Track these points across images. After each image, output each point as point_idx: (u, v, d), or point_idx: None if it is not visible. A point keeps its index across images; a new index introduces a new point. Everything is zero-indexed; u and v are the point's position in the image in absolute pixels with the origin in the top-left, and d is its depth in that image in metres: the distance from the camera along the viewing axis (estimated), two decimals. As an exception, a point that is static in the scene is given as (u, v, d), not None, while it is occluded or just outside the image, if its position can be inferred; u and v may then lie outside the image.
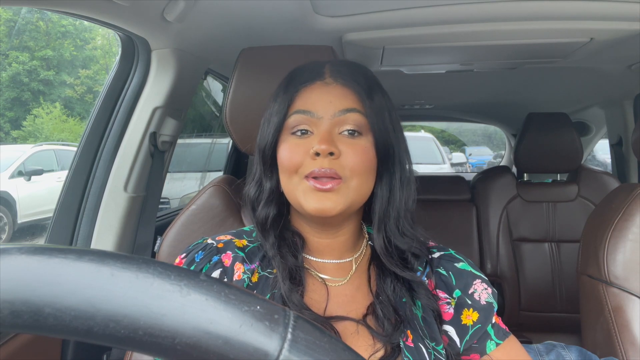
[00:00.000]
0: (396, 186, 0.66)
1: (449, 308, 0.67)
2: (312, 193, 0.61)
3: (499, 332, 0.67)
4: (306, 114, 0.63)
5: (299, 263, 0.64)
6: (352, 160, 0.61)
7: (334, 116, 0.63)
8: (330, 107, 0.63)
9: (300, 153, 0.62)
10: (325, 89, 0.65)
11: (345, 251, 0.69)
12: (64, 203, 1.17)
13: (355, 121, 0.63)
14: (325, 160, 0.60)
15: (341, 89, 0.65)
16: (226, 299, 0.23)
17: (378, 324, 0.63)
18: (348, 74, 0.66)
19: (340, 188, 0.61)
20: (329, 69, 0.67)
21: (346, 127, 0.63)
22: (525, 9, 1.11)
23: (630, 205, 1.07)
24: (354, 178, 0.62)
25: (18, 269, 0.22)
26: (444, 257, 0.71)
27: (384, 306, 0.64)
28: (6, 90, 5.31)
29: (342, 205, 0.61)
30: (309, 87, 0.65)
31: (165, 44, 1.18)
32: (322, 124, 0.62)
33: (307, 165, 0.61)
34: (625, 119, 2.24)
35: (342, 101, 0.63)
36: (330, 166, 0.60)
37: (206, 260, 0.65)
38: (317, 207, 0.61)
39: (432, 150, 6.41)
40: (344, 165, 0.61)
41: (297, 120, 0.64)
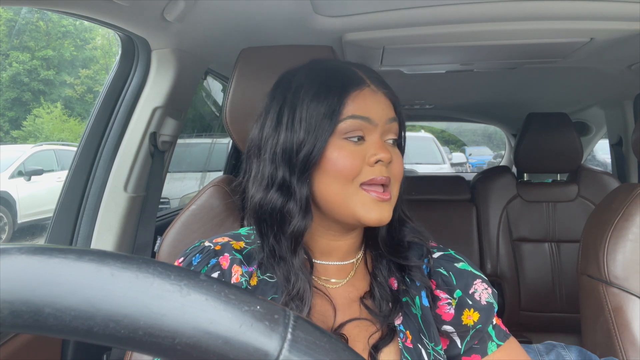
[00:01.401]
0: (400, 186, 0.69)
1: (449, 308, 0.67)
2: (373, 204, 0.61)
3: (499, 333, 0.67)
4: (364, 119, 0.61)
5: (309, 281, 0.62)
6: (397, 168, 0.64)
7: (386, 123, 0.64)
8: (383, 115, 0.63)
9: (358, 159, 0.61)
10: (375, 97, 0.64)
11: (349, 252, 0.70)
12: (64, 203, 1.17)
13: (397, 130, 0.66)
14: (384, 168, 0.61)
15: (384, 97, 0.65)
16: (226, 299, 0.23)
17: (375, 305, 0.64)
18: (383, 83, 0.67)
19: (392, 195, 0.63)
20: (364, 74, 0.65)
21: (391, 135, 0.65)
22: (525, 9, 1.11)
23: (630, 205, 1.07)
24: (395, 185, 0.64)
25: (18, 269, 0.22)
26: (444, 258, 0.71)
27: (381, 287, 0.66)
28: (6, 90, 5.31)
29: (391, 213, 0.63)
30: (360, 92, 0.63)
31: (165, 44, 1.18)
32: (377, 131, 0.63)
33: (366, 172, 0.61)
34: (625, 119, 2.24)
35: (389, 110, 0.65)
36: (388, 174, 0.62)
37: (204, 263, 0.64)
38: (378, 218, 0.61)
39: (432, 150, 6.41)
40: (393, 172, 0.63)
41: (354, 126, 0.61)
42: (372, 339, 0.62)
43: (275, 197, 0.62)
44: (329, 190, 0.61)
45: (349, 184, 0.60)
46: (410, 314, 0.65)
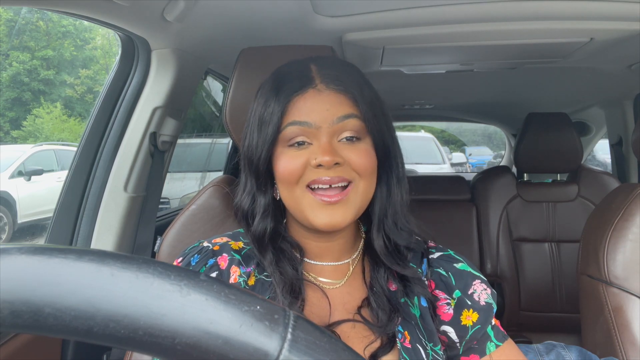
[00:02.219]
0: (393, 184, 0.67)
1: (448, 308, 0.67)
2: (320, 207, 0.60)
3: (498, 334, 0.67)
4: (303, 124, 0.61)
5: (299, 276, 0.64)
6: (357, 164, 0.61)
7: (332, 124, 0.61)
8: (327, 116, 0.61)
9: (299, 163, 0.61)
10: (319, 97, 0.62)
11: (343, 253, 0.69)
12: (64, 203, 1.17)
13: (354, 126, 0.62)
14: (330, 171, 0.60)
15: (335, 95, 0.62)
16: (226, 299, 0.23)
17: (372, 314, 0.64)
18: (338, 77, 0.64)
19: (350, 196, 0.61)
20: (317, 73, 0.64)
21: (345, 134, 0.61)
22: (525, 9, 1.11)
23: (630, 205, 1.07)
24: (361, 180, 0.61)
25: (18, 269, 0.22)
26: (443, 258, 0.71)
27: (378, 297, 0.64)
28: (6, 90, 5.31)
29: (350, 215, 0.61)
30: (302, 96, 0.62)
31: (165, 44, 1.18)
32: (321, 134, 0.61)
33: (309, 173, 0.60)
34: (625, 119, 2.24)
35: (338, 108, 0.61)
36: (336, 174, 0.60)
37: (202, 263, 0.65)
38: (327, 222, 0.60)
39: (432, 150, 6.41)
40: (349, 170, 0.61)
41: (293, 132, 0.61)
42: (370, 348, 0.62)
43: (245, 200, 0.67)
44: (283, 195, 0.64)
45: (294, 187, 0.62)
46: (409, 315, 0.65)
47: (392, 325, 0.62)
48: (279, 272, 0.63)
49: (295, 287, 0.62)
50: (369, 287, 0.66)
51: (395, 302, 0.65)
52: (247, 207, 0.67)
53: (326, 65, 0.66)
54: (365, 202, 0.64)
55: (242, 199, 0.67)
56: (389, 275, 0.66)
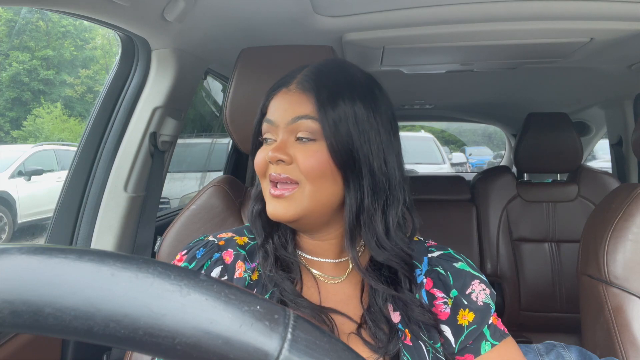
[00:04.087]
0: (366, 193, 0.62)
1: (445, 308, 0.67)
2: (270, 199, 0.64)
3: (495, 333, 0.67)
4: (269, 122, 0.65)
5: (289, 254, 0.66)
6: (303, 164, 0.61)
7: (288, 124, 0.63)
8: (285, 115, 0.64)
9: (262, 157, 0.65)
10: (286, 97, 0.65)
11: (341, 251, 0.69)
12: (64, 203, 1.17)
13: (308, 128, 0.62)
14: (277, 167, 0.62)
15: (299, 95, 0.64)
16: (226, 299, 0.23)
17: (371, 335, 0.62)
18: (313, 79, 0.64)
19: (295, 194, 0.62)
20: (302, 74, 0.66)
21: (299, 134, 0.63)
22: (525, 9, 1.11)
23: (630, 205, 1.07)
24: (308, 183, 0.61)
25: (18, 269, 0.22)
26: (442, 257, 0.71)
27: (375, 317, 0.63)
28: (6, 90, 5.31)
29: (293, 211, 0.61)
30: (275, 95, 0.67)
31: (165, 44, 1.18)
32: (279, 131, 0.64)
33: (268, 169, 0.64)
34: (625, 119, 2.24)
35: (296, 108, 0.63)
36: (283, 172, 0.62)
37: (207, 257, 0.66)
38: (271, 212, 0.63)
39: (432, 150, 6.41)
40: (297, 170, 0.62)
41: (265, 129, 0.66)
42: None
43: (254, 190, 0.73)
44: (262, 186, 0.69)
45: (263, 179, 0.66)
46: (409, 313, 0.64)
47: (392, 345, 0.61)
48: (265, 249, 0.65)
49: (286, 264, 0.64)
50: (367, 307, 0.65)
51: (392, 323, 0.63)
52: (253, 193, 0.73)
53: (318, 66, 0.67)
54: (317, 204, 0.62)
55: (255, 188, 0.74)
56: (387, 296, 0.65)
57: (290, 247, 0.67)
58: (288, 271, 0.64)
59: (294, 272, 0.64)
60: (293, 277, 0.63)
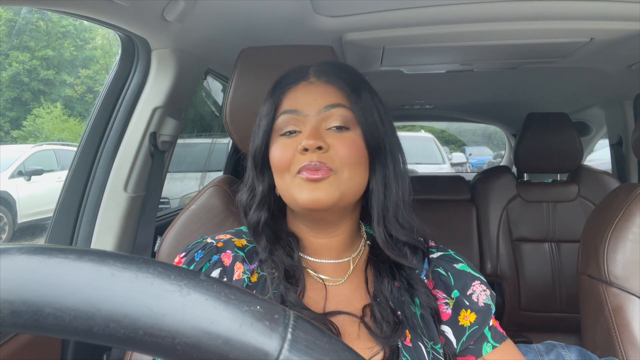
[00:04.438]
0: (391, 179, 0.66)
1: (447, 308, 0.67)
2: (304, 185, 0.61)
3: (495, 334, 0.67)
4: (293, 113, 0.64)
5: (295, 262, 0.64)
6: (341, 152, 0.62)
7: (320, 112, 0.63)
8: (315, 105, 0.64)
9: (290, 151, 0.63)
10: (309, 88, 0.66)
11: (343, 251, 0.69)
12: (64, 203, 1.17)
13: (341, 116, 0.63)
14: (314, 154, 0.61)
15: (324, 86, 0.66)
16: (226, 299, 0.23)
17: (376, 325, 0.63)
18: (332, 72, 0.67)
19: (331, 179, 0.61)
20: (313, 70, 0.68)
21: (333, 122, 0.63)
22: (525, 9, 1.11)
23: (630, 205, 1.07)
24: (344, 169, 0.62)
25: (18, 269, 0.22)
26: (443, 258, 0.71)
27: (381, 308, 0.63)
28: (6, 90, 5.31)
29: (334, 195, 0.61)
30: (294, 88, 0.67)
31: (165, 44, 1.18)
32: (309, 121, 0.63)
33: (297, 161, 0.62)
34: (625, 119, 2.24)
35: (326, 98, 0.64)
36: (319, 159, 0.61)
37: (206, 259, 0.65)
38: (310, 198, 0.60)
39: (432, 150, 6.41)
40: (334, 158, 0.62)
41: (285, 121, 0.65)
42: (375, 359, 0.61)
43: (244, 195, 0.70)
44: (277, 183, 0.66)
45: (286, 174, 0.64)
46: (409, 313, 0.65)
47: (396, 337, 0.61)
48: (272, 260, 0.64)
49: (291, 274, 0.63)
50: (373, 297, 0.65)
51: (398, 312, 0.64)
52: (244, 200, 0.69)
53: (324, 64, 0.70)
54: (351, 191, 0.63)
55: (241, 194, 0.70)
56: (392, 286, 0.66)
57: (296, 254, 0.65)
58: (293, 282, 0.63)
59: (299, 282, 0.63)
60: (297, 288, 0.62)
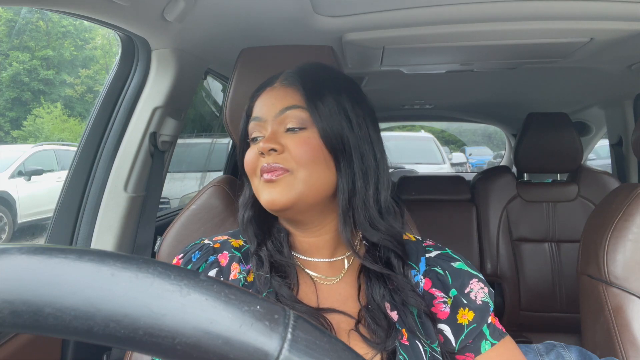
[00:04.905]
0: (358, 177, 0.65)
1: (445, 307, 0.67)
2: (264, 187, 0.64)
3: (494, 332, 0.67)
4: (256, 120, 0.67)
5: (285, 257, 0.65)
6: (294, 152, 0.63)
7: (276, 116, 0.65)
8: (273, 109, 0.66)
9: (252, 155, 0.66)
10: (271, 93, 0.68)
11: (335, 249, 0.69)
12: (64, 203, 1.17)
13: (296, 117, 0.65)
14: (269, 157, 0.63)
15: (284, 89, 0.67)
16: (226, 299, 0.23)
17: (369, 332, 0.63)
18: (296, 75, 0.68)
19: (287, 179, 0.62)
20: (285, 73, 0.70)
21: (288, 123, 0.65)
22: (525, 9, 1.11)
23: (630, 205, 1.07)
24: (300, 169, 0.62)
25: (18, 269, 0.22)
26: (440, 257, 0.71)
27: (374, 314, 0.63)
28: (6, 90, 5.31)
29: (290, 195, 0.62)
30: (260, 95, 0.69)
31: (165, 44, 1.18)
32: (268, 126, 0.66)
33: (259, 164, 0.64)
34: (625, 119, 2.24)
35: (282, 101, 0.66)
36: (274, 161, 0.62)
37: (202, 260, 0.66)
38: (268, 199, 0.63)
39: (432, 150, 6.40)
40: (288, 158, 0.63)
41: (252, 128, 0.68)
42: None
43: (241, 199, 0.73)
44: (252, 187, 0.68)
45: (254, 178, 0.66)
46: (406, 312, 0.65)
47: (390, 341, 0.61)
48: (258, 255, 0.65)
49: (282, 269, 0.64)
50: (365, 305, 0.65)
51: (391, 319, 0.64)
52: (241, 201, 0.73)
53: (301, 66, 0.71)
54: (311, 189, 0.63)
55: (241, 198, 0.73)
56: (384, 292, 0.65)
57: (286, 250, 0.66)
58: (284, 276, 0.63)
59: (291, 276, 0.64)
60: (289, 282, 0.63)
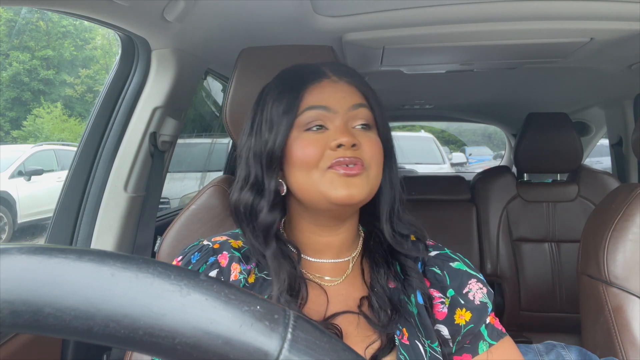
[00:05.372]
0: (394, 177, 0.69)
1: (442, 307, 0.67)
2: (340, 180, 0.61)
3: (493, 332, 0.67)
4: (321, 109, 0.64)
5: (298, 274, 0.64)
6: (370, 150, 0.63)
7: (348, 110, 0.64)
8: (344, 102, 0.64)
9: (319, 146, 0.62)
10: (335, 86, 0.66)
11: (343, 250, 0.69)
12: (64, 203, 1.17)
13: (366, 115, 0.65)
14: (348, 151, 0.61)
15: (348, 86, 0.67)
16: (226, 299, 0.23)
17: (374, 314, 0.64)
18: (349, 73, 0.69)
19: (364, 175, 0.62)
20: (329, 68, 0.69)
21: (359, 121, 0.65)
22: (525, 9, 1.11)
23: (630, 205, 1.07)
24: (373, 167, 0.63)
25: (18, 269, 0.22)
26: (438, 257, 0.71)
27: (379, 297, 0.65)
28: (6, 90, 5.31)
29: (366, 191, 0.62)
30: (317, 85, 0.66)
31: (165, 44, 1.18)
32: (338, 118, 0.63)
33: (329, 156, 0.61)
34: (625, 119, 2.24)
35: (352, 97, 0.66)
36: (354, 155, 0.61)
37: (202, 261, 0.65)
38: (346, 194, 0.60)
39: (432, 150, 6.41)
40: (364, 155, 0.63)
41: (311, 116, 0.63)
42: (371, 349, 0.62)
43: (247, 195, 0.66)
44: (299, 180, 0.64)
45: (313, 170, 0.62)
46: (406, 312, 0.65)
47: (392, 325, 0.62)
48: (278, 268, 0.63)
49: (294, 285, 0.63)
50: (370, 287, 0.66)
51: (395, 302, 0.65)
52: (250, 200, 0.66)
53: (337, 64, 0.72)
54: (375, 187, 0.65)
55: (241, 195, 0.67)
56: (388, 275, 0.67)
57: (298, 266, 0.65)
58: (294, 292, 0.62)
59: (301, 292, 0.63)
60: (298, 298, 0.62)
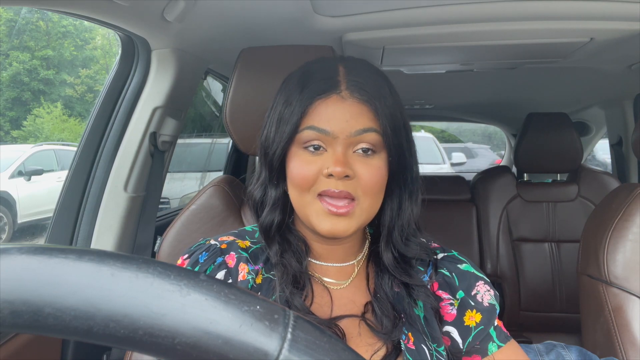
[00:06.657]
0: (405, 200, 0.66)
1: (451, 309, 0.67)
2: (325, 216, 0.60)
3: (500, 334, 0.67)
4: (320, 131, 0.60)
5: (303, 269, 0.64)
6: (365, 181, 0.60)
7: (350, 136, 0.60)
8: (346, 127, 0.60)
9: (313, 170, 0.60)
10: (341, 105, 0.60)
11: (348, 255, 0.69)
12: (64, 203, 1.17)
13: (371, 140, 0.61)
14: (339, 182, 0.59)
15: (357, 106, 0.61)
16: (226, 299, 0.23)
17: (377, 321, 0.63)
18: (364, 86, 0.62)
19: (354, 211, 0.60)
20: (344, 77, 0.62)
21: (361, 145, 0.61)
22: (525, 9, 1.11)
23: (630, 205, 1.07)
24: (366, 198, 0.61)
25: (18, 269, 0.22)
26: (447, 259, 0.71)
27: (382, 304, 0.64)
28: (6, 90, 5.31)
29: (353, 227, 0.61)
30: (324, 100, 0.61)
31: (165, 44, 1.18)
32: (338, 143, 0.60)
33: (321, 183, 0.60)
34: (625, 119, 2.24)
35: (358, 120, 0.60)
36: (344, 188, 0.59)
37: (210, 261, 0.65)
38: (330, 230, 0.60)
39: (432, 150, 6.41)
40: (357, 186, 0.60)
41: (310, 136, 0.61)
42: (376, 356, 0.62)
43: (257, 190, 0.68)
44: (292, 195, 0.64)
45: (305, 193, 0.61)
46: (412, 316, 0.65)
47: (396, 332, 0.62)
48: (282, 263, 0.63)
49: (299, 280, 0.63)
50: (373, 294, 0.66)
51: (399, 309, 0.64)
52: (258, 197, 0.68)
53: (354, 70, 0.64)
54: (369, 217, 0.63)
55: (254, 188, 0.68)
56: (392, 282, 0.66)
57: (305, 261, 0.65)
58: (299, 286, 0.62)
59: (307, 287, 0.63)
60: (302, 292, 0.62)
